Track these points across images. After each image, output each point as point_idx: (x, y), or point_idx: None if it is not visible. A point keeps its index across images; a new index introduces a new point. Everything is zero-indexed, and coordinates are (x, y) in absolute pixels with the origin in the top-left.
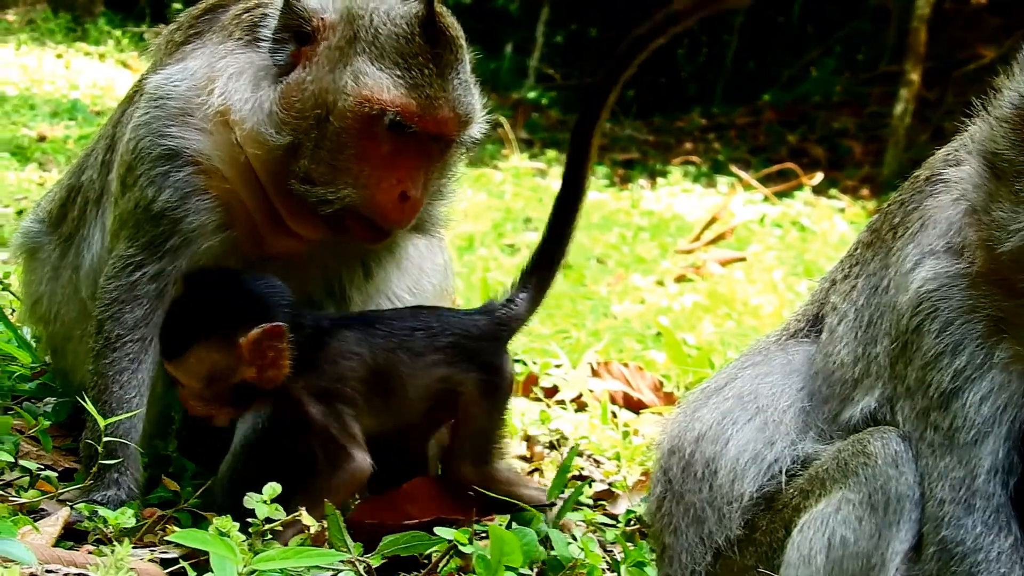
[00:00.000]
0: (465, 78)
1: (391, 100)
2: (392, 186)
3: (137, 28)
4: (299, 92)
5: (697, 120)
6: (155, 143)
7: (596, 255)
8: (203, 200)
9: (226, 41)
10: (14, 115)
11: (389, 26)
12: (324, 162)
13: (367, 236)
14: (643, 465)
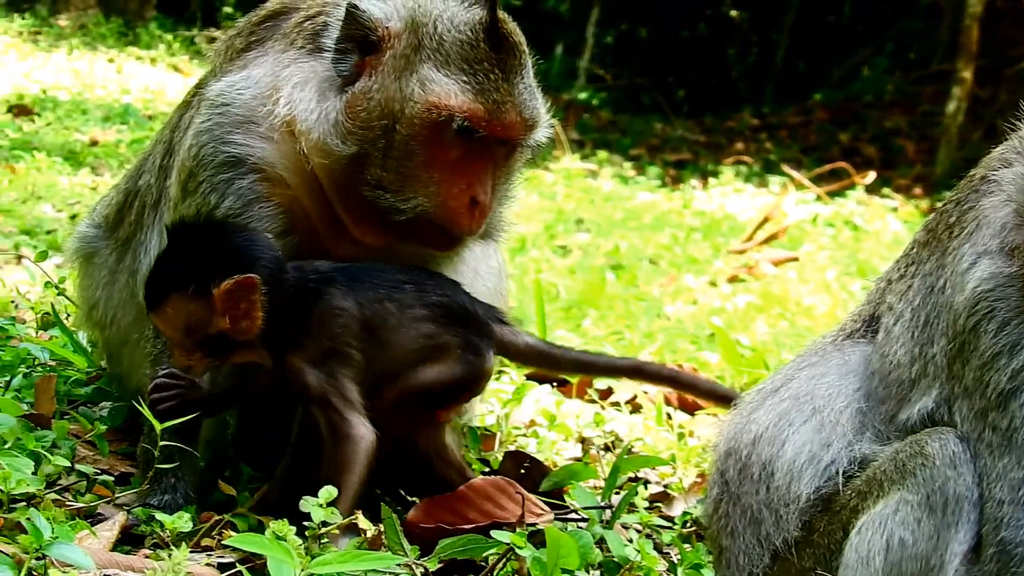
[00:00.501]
0: (529, 83)
1: (459, 105)
2: (462, 191)
3: (188, 32)
4: (365, 102)
5: (748, 120)
6: (218, 150)
7: (648, 256)
8: (266, 207)
9: (289, 49)
10: (67, 120)
11: (453, 33)
12: (393, 170)
13: (438, 244)
14: (699, 467)
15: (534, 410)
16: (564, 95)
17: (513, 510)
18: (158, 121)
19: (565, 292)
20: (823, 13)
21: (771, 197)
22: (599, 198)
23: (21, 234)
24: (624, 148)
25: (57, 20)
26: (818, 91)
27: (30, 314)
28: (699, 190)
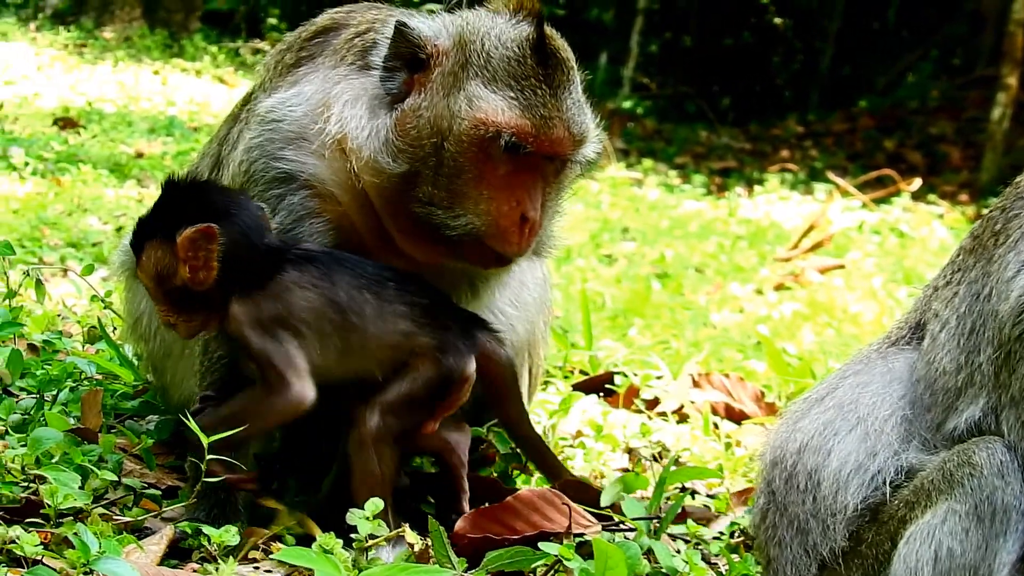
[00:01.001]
0: (578, 98)
1: (506, 122)
2: (512, 209)
3: (233, 44)
4: (414, 119)
5: (793, 127)
6: (269, 165)
7: (694, 264)
8: (316, 223)
9: (339, 66)
10: (112, 132)
11: (501, 50)
12: (444, 187)
13: (487, 262)
14: (746, 476)
15: (580, 420)
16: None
17: (560, 521)
18: (203, 133)
19: (611, 301)
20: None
21: (817, 204)
22: (644, 207)
23: (67, 247)
24: (669, 156)
25: (102, 33)
26: (863, 98)
27: (76, 328)
28: (744, 198)
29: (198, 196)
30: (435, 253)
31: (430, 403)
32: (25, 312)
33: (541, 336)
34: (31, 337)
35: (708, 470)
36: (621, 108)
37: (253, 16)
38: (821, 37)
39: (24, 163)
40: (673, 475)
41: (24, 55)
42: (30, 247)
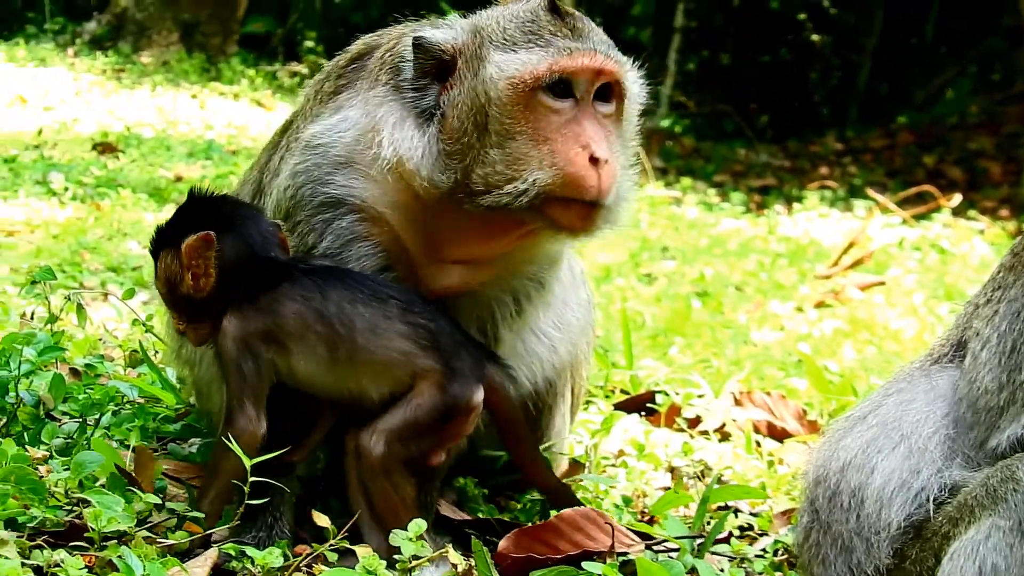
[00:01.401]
0: (605, 39)
1: (537, 65)
2: (578, 153)
3: (270, 67)
4: (454, 113)
5: (832, 144)
6: (316, 191)
7: (734, 283)
8: (364, 246)
9: (375, 87)
10: (151, 156)
11: (514, 21)
12: (500, 161)
13: (577, 216)
14: (789, 495)
15: (622, 440)
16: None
17: (604, 540)
18: (242, 156)
19: (651, 320)
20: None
21: (856, 221)
22: (684, 225)
23: (108, 271)
24: (708, 175)
25: (140, 57)
26: (902, 114)
27: (118, 351)
28: (784, 215)
29: (210, 207)
30: (499, 242)
31: (435, 431)
32: (67, 337)
33: (584, 357)
34: (73, 361)
35: (751, 489)
36: (659, 127)
37: (290, 39)
38: (859, 53)
39: (64, 188)
40: (716, 494)
41: (62, 80)
42: (70, 272)
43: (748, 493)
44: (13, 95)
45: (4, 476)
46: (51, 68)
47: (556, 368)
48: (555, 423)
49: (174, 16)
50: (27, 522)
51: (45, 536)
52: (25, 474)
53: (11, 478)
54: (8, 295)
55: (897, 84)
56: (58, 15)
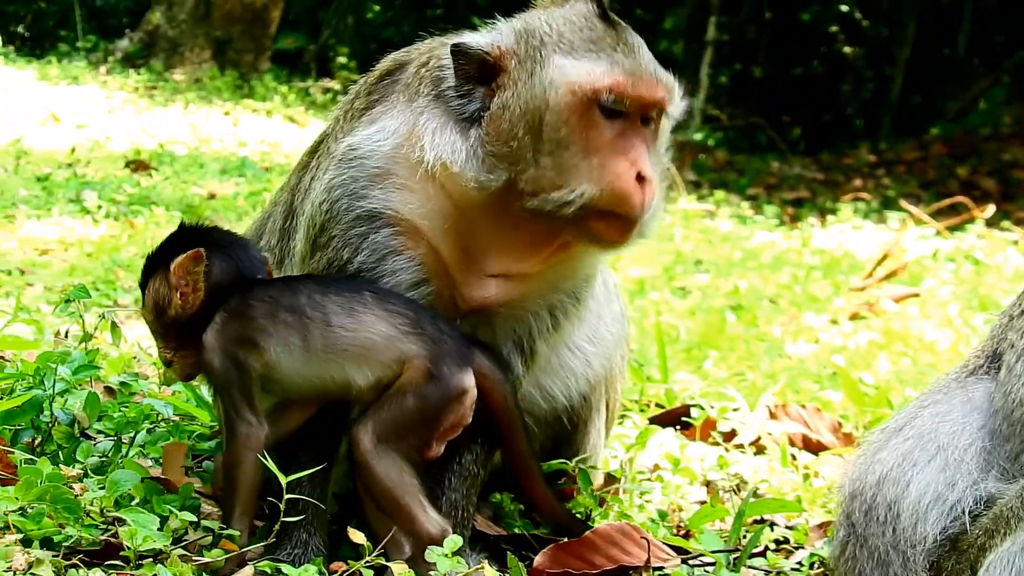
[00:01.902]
0: (652, 58)
1: (600, 80)
2: (627, 169)
3: (303, 84)
4: (504, 116)
5: (865, 156)
6: (352, 204)
7: (768, 295)
8: (400, 260)
9: (415, 98)
10: (184, 174)
11: (569, 25)
12: (550, 167)
13: (610, 233)
14: (825, 507)
15: (658, 454)
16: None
17: (639, 555)
18: (275, 173)
19: (686, 334)
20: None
21: (890, 233)
22: (717, 238)
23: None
24: (741, 188)
25: (172, 75)
26: (934, 125)
27: (152, 369)
28: (818, 228)
29: (199, 233)
30: (537, 254)
31: (428, 419)
32: (101, 355)
33: (618, 371)
34: (107, 380)
35: (788, 502)
36: (692, 140)
37: (322, 56)
38: (891, 65)
39: (97, 206)
40: (752, 507)
41: (95, 98)
42: (104, 290)
43: (784, 506)
44: (46, 113)
45: (39, 495)
46: (84, 86)
47: (591, 382)
48: (590, 437)
49: (206, 33)
50: (63, 541)
51: (80, 555)
52: (60, 493)
53: (46, 497)
54: (42, 314)
55: (930, 95)
56: (90, 33)
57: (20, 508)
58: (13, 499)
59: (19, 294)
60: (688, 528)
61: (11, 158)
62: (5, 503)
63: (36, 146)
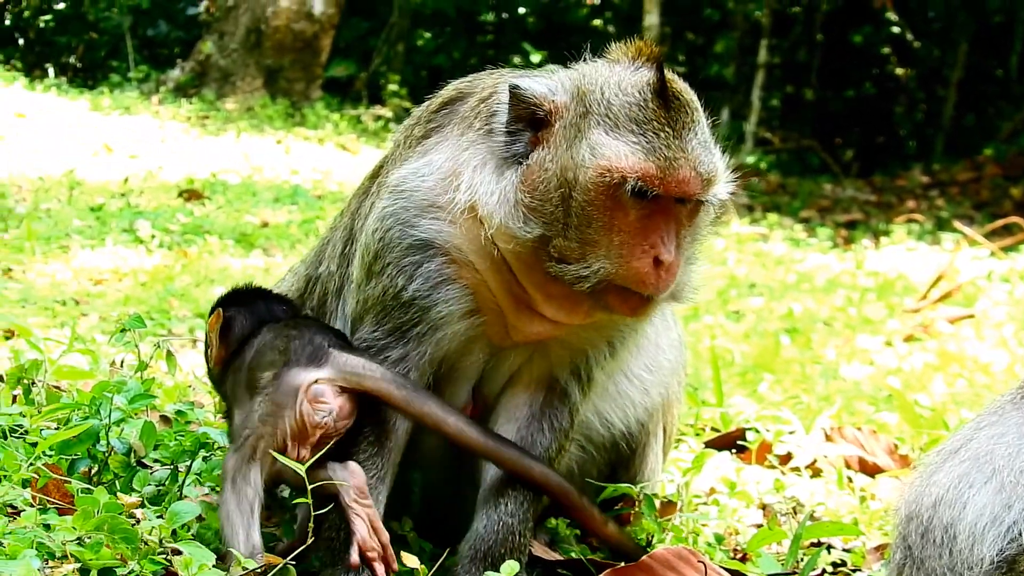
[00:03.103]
0: (704, 139)
1: (631, 167)
2: (645, 252)
3: (354, 111)
4: (540, 174)
5: (918, 177)
6: (405, 233)
7: (823, 318)
8: (452, 289)
9: (467, 132)
10: (236, 202)
11: (621, 96)
12: (574, 239)
13: (629, 307)
14: (881, 530)
15: (714, 477)
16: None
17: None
18: (327, 201)
19: (740, 357)
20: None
21: (944, 255)
22: (771, 262)
23: (196, 318)
24: (794, 210)
25: (224, 104)
26: (988, 145)
27: (207, 398)
28: (871, 250)
29: (232, 295)
30: (577, 311)
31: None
32: (156, 384)
33: (675, 398)
34: (163, 409)
35: (845, 525)
36: (744, 163)
37: (373, 83)
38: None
39: (151, 236)
40: (809, 530)
41: (147, 128)
42: (159, 319)
43: (841, 529)
44: (99, 144)
45: (97, 525)
46: (136, 116)
47: (648, 409)
48: (648, 463)
49: (257, 62)
50: (121, 571)
51: None
52: (118, 523)
53: (104, 527)
54: (97, 343)
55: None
56: (142, 63)
57: (78, 538)
58: (71, 528)
59: (74, 324)
60: (745, 551)
61: (65, 189)
62: (63, 533)
63: (89, 177)
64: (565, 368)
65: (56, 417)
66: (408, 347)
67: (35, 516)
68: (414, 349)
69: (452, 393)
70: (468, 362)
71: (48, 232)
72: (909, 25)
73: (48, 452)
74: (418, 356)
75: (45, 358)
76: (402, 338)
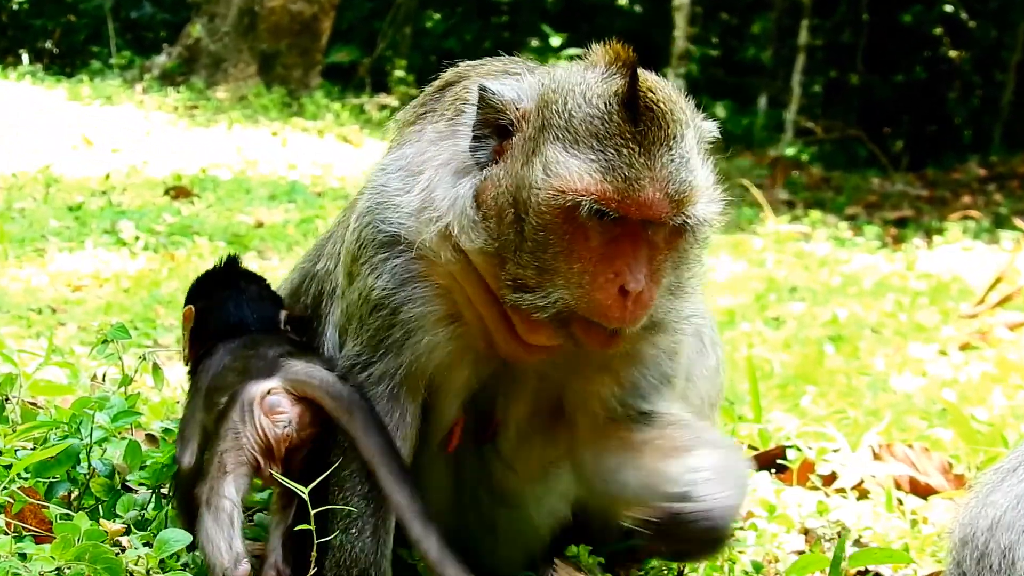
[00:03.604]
0: (681, 153)
1: (585, 188)
2: (609, 281)
3: (357, 100)
4: (493, 190)
5: (975, 170)
6: (377, 229)
7: (870, 325)
8: (420, 287)
9: (439, 122)
10: (228, 200)
11: (584, 108)
12: (529, 265)
13: (596, 341)
14: (935, 556)
15: (752, 500)
16: (770, 151)
17: None
18: (328, 198)
19: (780, 368)
20: None
21: (1004, 254)
22: (814, 263)
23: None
24: (839, 207)
25: (215, 93)
26: None
27: None
28: (923, 250)
29: (203, 282)
30: (550, 338)
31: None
32: (142, 400)
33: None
34: (149, 427)
35: (894, 551)
36: (784, 155)
37: (378, 69)
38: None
39: (135, 237)
40: (855, 558)
41: (131, 120)
42: (144, 328)
43: (890, 556)
44: (78, 137)
45: (78, 554)
46: (118, 106)
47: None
48: None
49: (251, 47)
50: None
51: None
52: (100, 552)
53: (86, 556)
54: (77, 355)
55: None
56: (125, 49)
57: (56, 568)
58: (49, 558)
59: (51, 335)
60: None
61: (40, 186)
62: (40, 563)
63: (67, 173)
64: (577, 410)
65: (32, 436)
66: (388, 360)
67: (10, 544)
68: (393, 361)
69: (441, 410)
70: (456, 377)
71: (22, 233)
72: (963, 3)
73: (24, 474)
74: (397, 368)
75: (19, 372)
76: (379, 349)
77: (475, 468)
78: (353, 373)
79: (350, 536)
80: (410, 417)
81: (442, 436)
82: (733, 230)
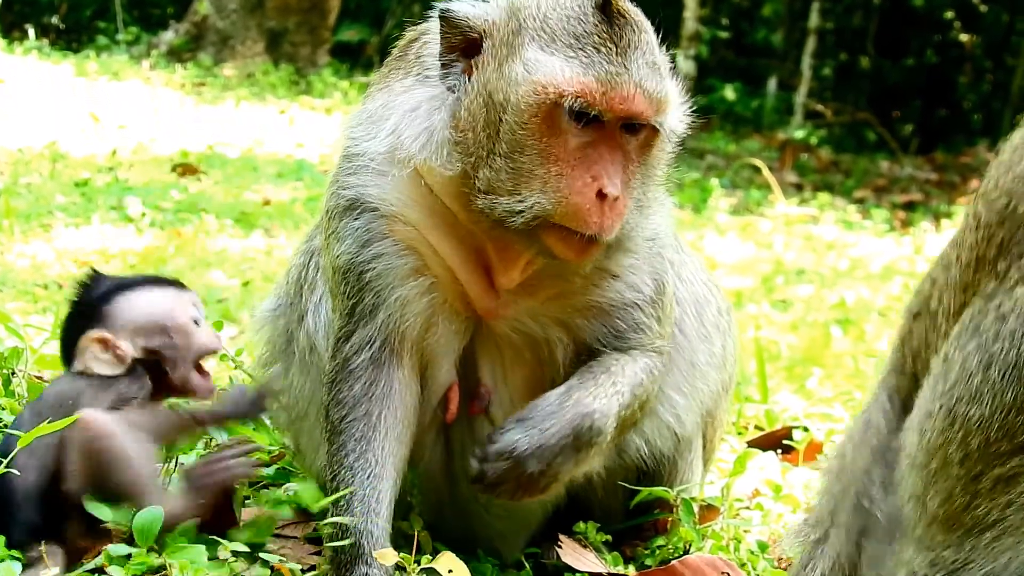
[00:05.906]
0: (653, 60)
1: (568, 82)
2: (586, 184)
3: (365, 78)
4: (469, 102)
5: (984, 154)
6: (339, 195)
7: (878, 308)
8: (382, 245)
9: (404, 78)
10: (236, 179)
11: (559, 10)
12: (504, 169)
13: (571, 250)
14: None
15: (758, 480)
16: (779, 133)
17: None
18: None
19: (787, 350)
20: None
21: None
22: (821, 246)
23: None
24: (847, 190)
25: (222, 70)
26: None
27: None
28: (932, 234)
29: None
30: (521, 257)
31: None
32: None
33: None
34: None
35: None
36: (793, 138)
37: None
38: (1012, 54)
39: (141, 214)
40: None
41: (138, 96)
42: None
43: None
44: (84, 113)
45: None
46: (125, 83)
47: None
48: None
49: (259, 24)
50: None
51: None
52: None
53: None
54: None
55: None
56: (132, 24)
57: None
58: None
59: (57, 310)
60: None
61: (47, 162)
62: None
63: (73, 149)
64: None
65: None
66: (365, 326)
67: None
68: (370, 325)
69: (433, 375)
70: (437, 337)
71: (28, 209)
72: None
73: None
74: (375, 333)
75: (26, 346)
76: (354, 315)
77: (468, 440)
78: (337, 347)
79: (339, 509)
80: (398, 384)
81: (437, 402)
82: (742, 212)
